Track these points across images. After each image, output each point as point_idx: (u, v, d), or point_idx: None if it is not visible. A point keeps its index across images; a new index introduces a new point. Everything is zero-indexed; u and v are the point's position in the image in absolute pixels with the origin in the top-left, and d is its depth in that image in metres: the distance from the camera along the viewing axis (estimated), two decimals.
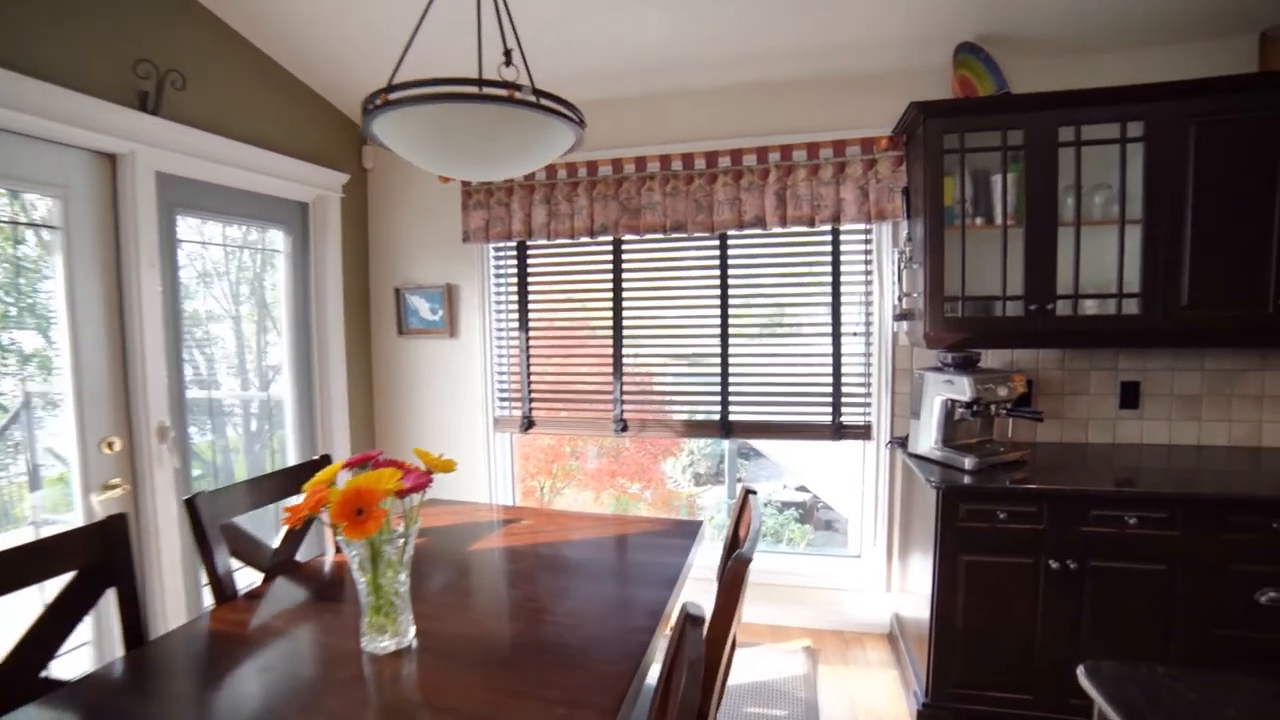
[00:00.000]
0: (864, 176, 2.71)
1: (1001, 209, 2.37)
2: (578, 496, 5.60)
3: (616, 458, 5.74)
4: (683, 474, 6.09)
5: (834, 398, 2.94)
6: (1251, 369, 2.65)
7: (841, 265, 2.90)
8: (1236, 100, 2.21)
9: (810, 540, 5.10)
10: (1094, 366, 2.71)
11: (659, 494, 5.93)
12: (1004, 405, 2.39)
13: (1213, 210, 2.25)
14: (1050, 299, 2.33)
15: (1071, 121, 2.30)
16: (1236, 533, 2.05)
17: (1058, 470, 2.34)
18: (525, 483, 5.02)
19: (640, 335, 3.19)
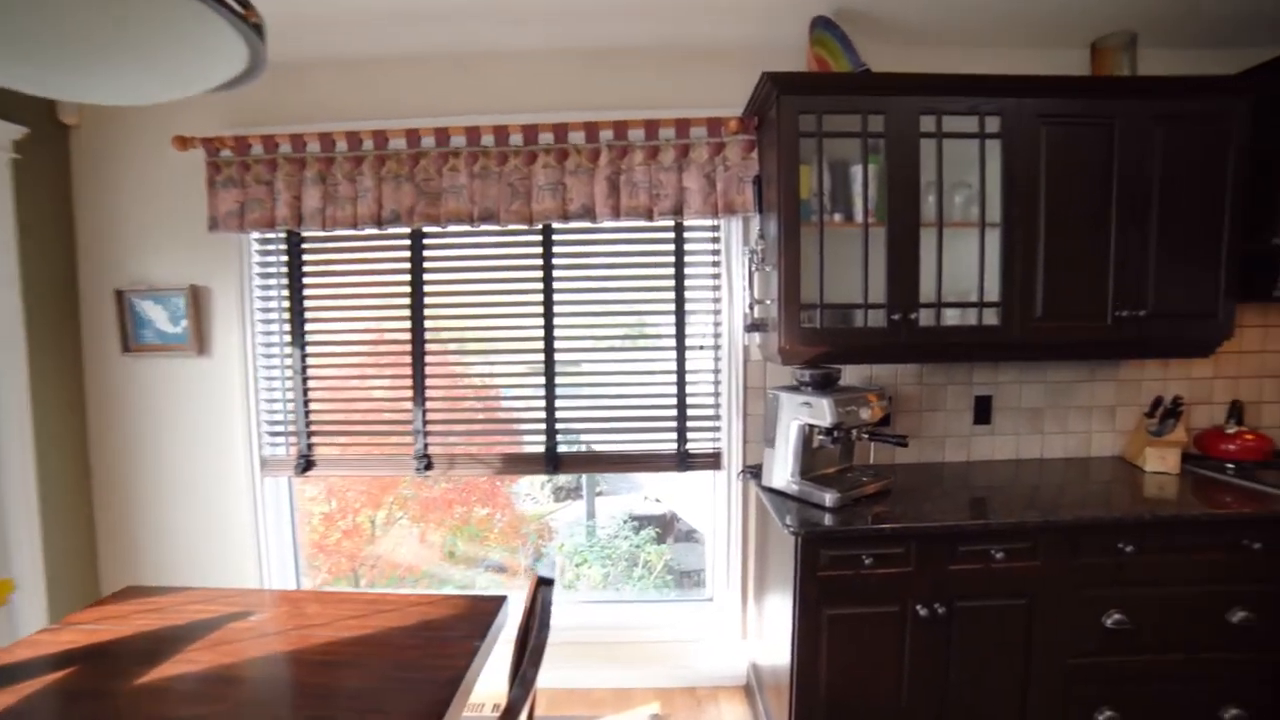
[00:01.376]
0: (710, 163, 2.26)
1: (862, 204, 2.02)
2: (412, 532, 4.79)
3: (460, 480, 5.02)
4: (542, 489, 5.45)
5: (679, 422, 2.47)
6: (1083, 380, 2.54)
7: (686, 267, 2.43)
8: (1077, 105, 2.05)
9: (668, 561, 4.66)
10: (950, 381, 2.48)
11: (511, 518, 5.23)
12: (866, 429, 2.04)
13: (1062, 218, 2.07)
14: (913, 308, 2.01)
15: (932, 110, 2.00)
16: (1088, 557, 1.89)
17: (921, 500, 2.02)
18: (350, 519, 4.12)
19: (447, 352, 2.53)
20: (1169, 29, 2.33)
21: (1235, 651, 1.97)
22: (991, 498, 2.07)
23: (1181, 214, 2.13)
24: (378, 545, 4.10)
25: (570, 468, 2.50)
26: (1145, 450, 2.34)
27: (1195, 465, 2.36)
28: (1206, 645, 1.96)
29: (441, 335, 2.51)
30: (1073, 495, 2.07)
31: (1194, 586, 1.94)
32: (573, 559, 4.05)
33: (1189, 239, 2.14)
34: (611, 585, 3.89)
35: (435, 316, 2.50)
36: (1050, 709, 1.92)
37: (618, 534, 4.36)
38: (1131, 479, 2.26)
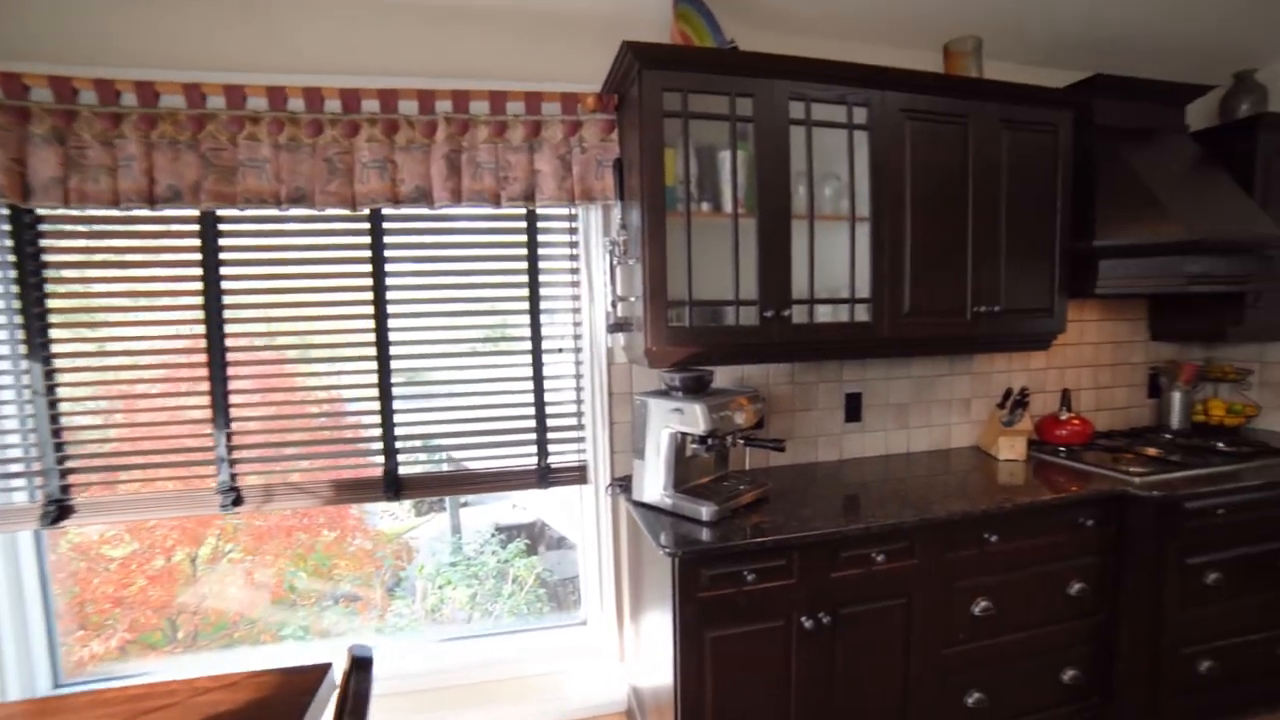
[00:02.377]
0: (566, 143, 1.99)
1: (731, 193, 1.83)
2: (244, 567, 4.05)
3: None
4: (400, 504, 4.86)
5: (538, 434, 2.17)
6: (943, 375, 2.58)
7: (541, 260, 2.14)
8: (936, 102, 2.02)
9: (541, 573, 4.30)
10: (822, 379, 2.39)
11: (364, 540, 4.59)
12: (742, 434, 1.87)
13: (927, 215, 2.03)
14: (786, 304, 1.86)
15: (801, 97, 1.87)
16: (959, 550, 1.87)
17: (800, 505, 1.89)
18: (163, 560, 3.37)
19: (258, 363, 2.06)
20: (1006, 44, 2.40)
21: (1073, 621, 2.04)
22: (868, 497, 1.98)
23: (1025, 215, 2.17)
24: (199, 587, 3.39)
25: (414, 491, 2.12)
26: (999, 440, 2.39)
27: (1037, 450, 2.46)
28: (1052, 619, 2.02)
29: (248, 343, 2.03)
30: (942, 489, 2.03)
31: (1043, 566, 1.98)
32: (435, 581, 3.59)
33: (1031, 239, 2.19)
34: (480, 606, 3.49)
35: (239, 320, 2.01)
36: (928, 701, 1.88)
37: (484, 548, 3.95)
38: (988, 468, 2.29)
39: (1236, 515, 2.09)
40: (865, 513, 1.82)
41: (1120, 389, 2.92)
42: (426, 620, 3.19)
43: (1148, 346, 2.95)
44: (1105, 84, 2.38)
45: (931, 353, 2.16)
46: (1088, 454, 2.37)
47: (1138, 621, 2.04)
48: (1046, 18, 2.28)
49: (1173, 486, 2.01)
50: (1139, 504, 2.00)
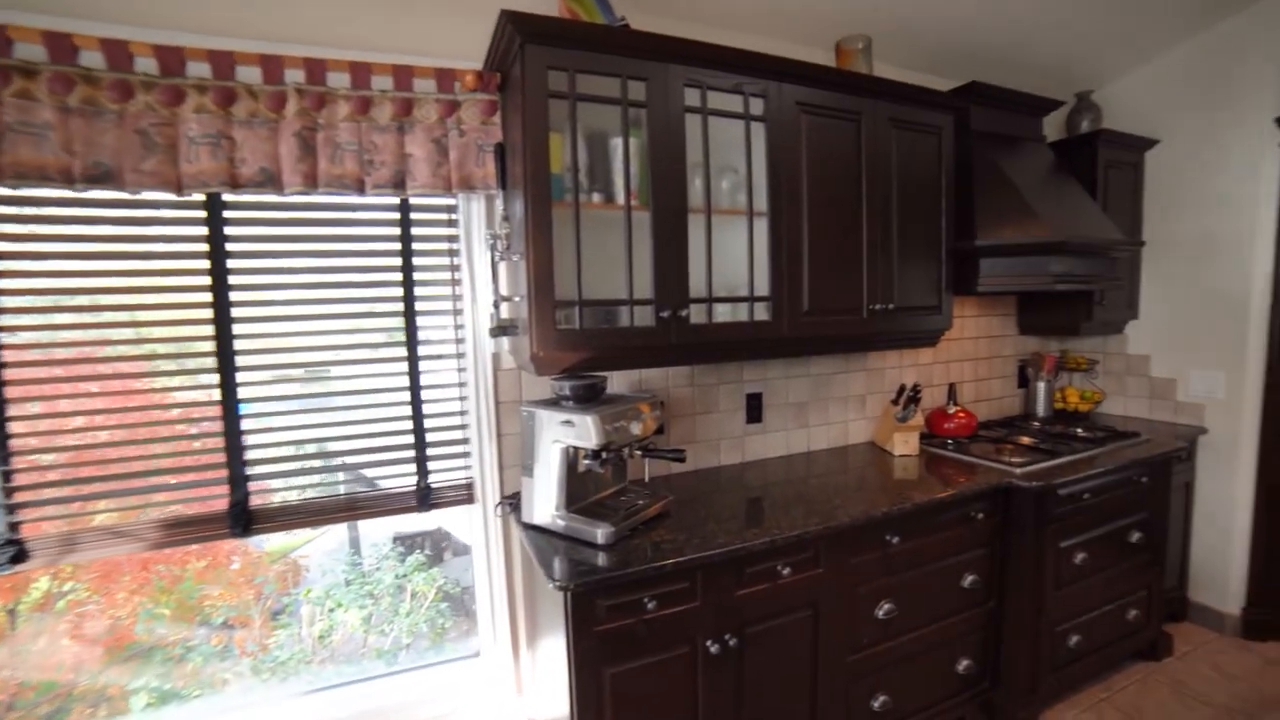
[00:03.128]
0: (442, 125, 1.75)
1: (624, 184, 1.67)
2: (86, 610, 3.38)
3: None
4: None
5: (417, 450, 1.91)
6: (840, 372, 2.56)
7: (416, 256, 1.88)
8: (830, 97, 1.96)
9: (443, 585, 3.93)
10: (722, 380, 2.29)
11: (245, 563, 4.00)
12: (640, 444, 1.71)
13: (824, 212, 1.97)
14: (684, 303, 1.73)
15: (697, 84, 1.74)
16: (863, 554, 1.82)
17: (704, 518, 1.76)
18: None
19: (55, 380, 1.65)
20: (892, 47, 2.42)
21: (966, 612, 2.06)
22: (772, 504, 1.89)
23: (914, 214, 2.18)
24: (17, 644, 2.78)
25: (269, 525, 1.79)
26: (893, 435, 2.39)
27: (927, 444, 2.50)
28: (948, 613, 2.02)
29: (37, 355, 1.61)
30: (844, 491, 1.98)
31: (940, 562, 1.97)
32: (324, 605, 3.17)
33: (920, 238, 2.20)
34: (375, 629, 3.12)
35: (23, 328, 1.60)
36: (836, 712, 1.81)
37: (382, 563, 3.55)
38: (885, 465, 2.28)
39: (1097, 498, 2.21)
40: (770, 522, 1.72)
41: (995, 380, 3.06)
42: (315, 649, 2.80)
43: (1017, 340, 3.12)
44: (981, 92, 2.46)
45: (830, 351, 2.12)
46: (974, 446, 2.43)
47: (1021, 605, 2.10)
48: (928, 25, 2.32)
49: (1049, 475, 2.07)
50: (1021, 494, 2.05)
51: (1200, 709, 2.26)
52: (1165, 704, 2.29)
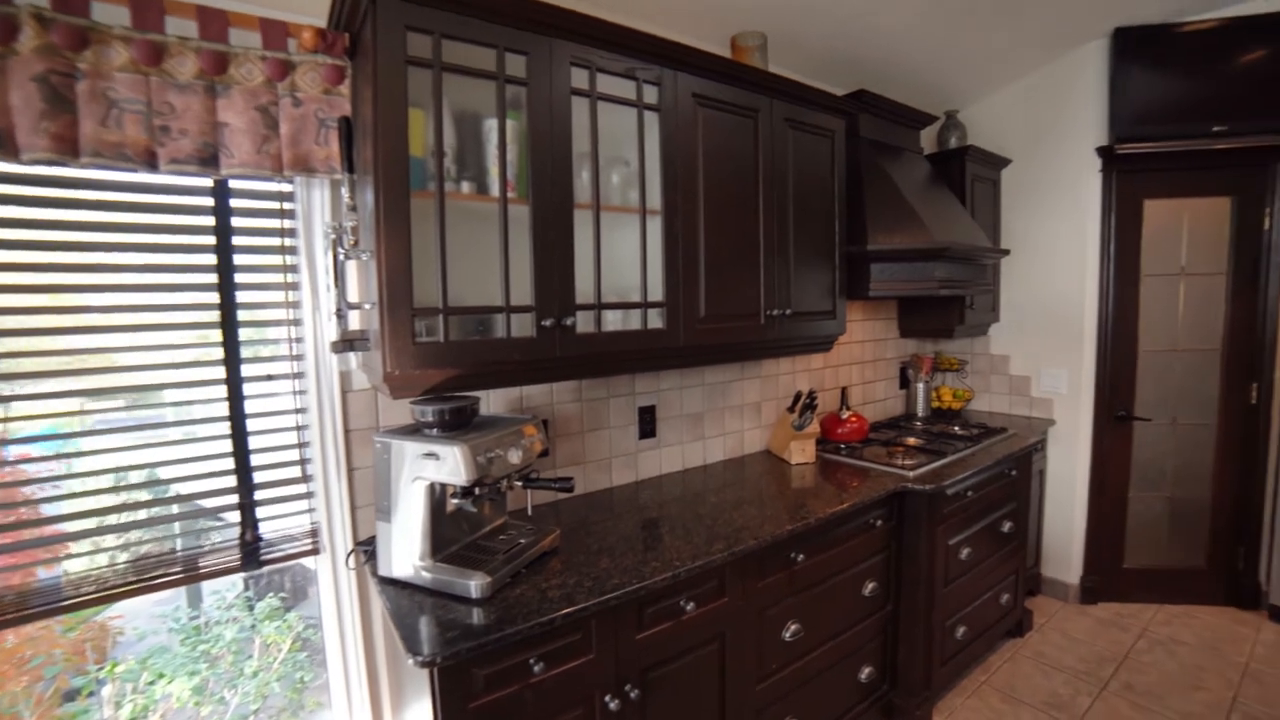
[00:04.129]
0: (270, 90, 1.39)
1: (500, 173, 1.41)
2: None
3: None
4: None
5: (242, 496, 1.51)
6: (735, 380, 2.45)
7: (237, 254, 1.49)
8: (727, 91, 1.81)
9: (302, 633, 3.36)
10: (612, 393, 2.08)
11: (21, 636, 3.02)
12: (520, 474, 1.46)
13: (720, 212, 1.82)
14: (569, 311, 1.50)
15: (585, 64, 1.51)
16: (769, 576, 1.68)
17: (596, 552, 1.54)
18: None
19: None
20: (785, 48, 2.33)
21: (867, 620, 2.00)
22: (672, 530, 1.70)
23: (810, 218, 2.09)
24: None
25: (17, 616, 1.33)
26: (790, 444, 2.31)
27: (823, 450, 2.44)
28: (851, 624, 1.95)
29: None
30: (745, 508, 1.83)
31: (843, 574, 1.89)
32: (140, 679, 2.57)
33: (816, 242, 2.13)
34: (214, 698, 2.58)
35: None
36: None
37: (226, 614, 2.96)
38: (784, 475, 2.18)
39: (978, 493, 2.25)
40: (671, 552, 1.53)
41: (880, 383, 3.11)
42: None
43: (898, 343, 3.20)
44: (869, 100, 2.44)
45: (727, 360, 1.98)
46: (867, 450, 2.41)
47: (915, 606, 2.08)
48: (816, 30, 2.25)
49: (938, 476, 2.07)
50: (915, 497, 2.03)
51: (1056, 675, 2.41)
52: (1031, 676, 2.40)
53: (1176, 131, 2.59)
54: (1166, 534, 2.90)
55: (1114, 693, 2.31)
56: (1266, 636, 2.65)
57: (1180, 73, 2.58)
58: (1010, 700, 2.28)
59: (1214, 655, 2.53)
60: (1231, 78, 2.54)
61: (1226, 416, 2.79)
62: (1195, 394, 2.80)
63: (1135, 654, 2.55)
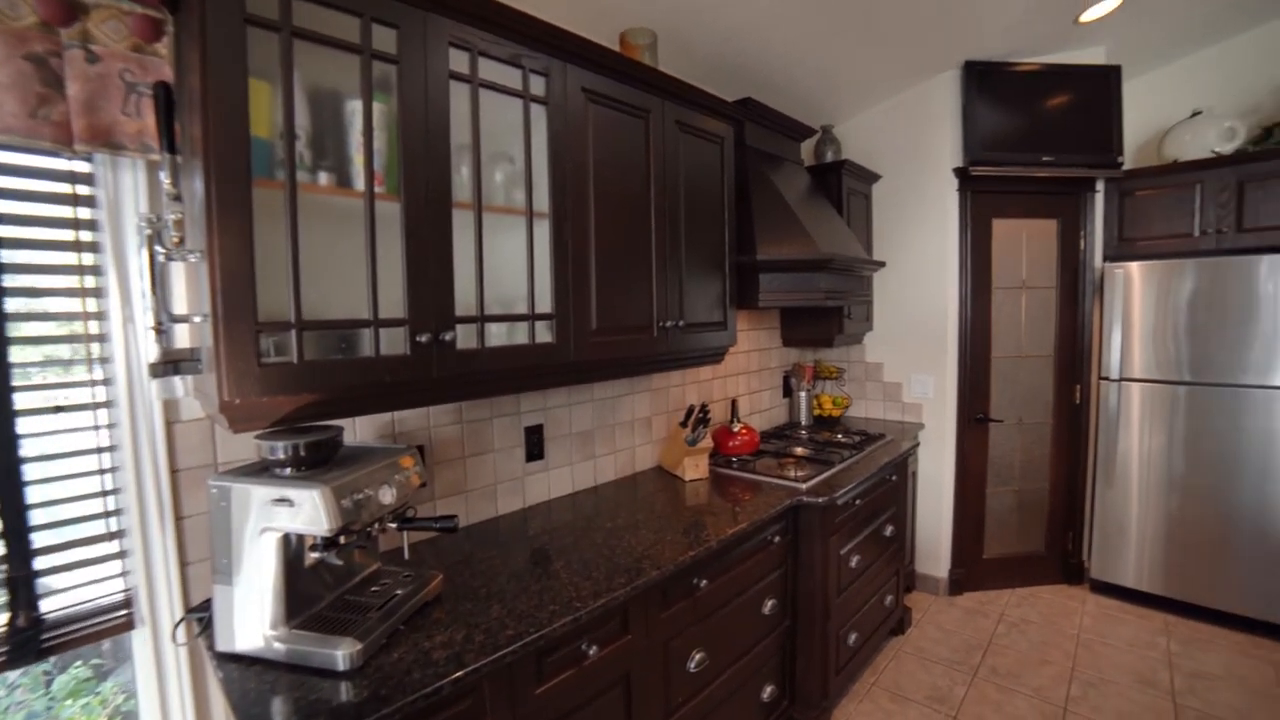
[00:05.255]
0: (48, 37, 1.12)
1: (366, 163, 1.26)
2: None
3: None
4: None
5: (12, 567, 1.19)
6: (625, 395, 2.42)
7: (5, 250, 1.21)
8: (618, 88, 1.79)
9: (121, 706, 2.78)
10: (496, 413, 1.96)
11: None
12: (395, 514, 1.30)
13: (612, 216, 1.79)
14: (448, 324, 1.37)
15: (466, 45, 1.40)
16: (673, 605, 1.66)
17: (487, 596, 1.41)
18: None
19: None
20: (674, 52, 2.36)
21: (768, 638, 2.05)
22: (568, 563, 1.61)
23: (701, 226, 2.12)
24: None
25: None
26: (683, 460, 2.32)
27: (715, 464, 2.48)
28: (753, 644, 1.99)
29: None
30: (643, 533, 1.79)
31: (744, 595, 1.92)
32: None
33: (706, 251, 2.16)
34: None
35: None
36: None
37: (7, 701, 2.38)
38: (679, 493, 2.18)
39: (864, 500, 2.40)
40: (569, 589, 1.45)
41: (765, 392, 3.24)
42: None
43: (781, 352, 3.36)
44: (755, 108, 2.53)
45: (620, 374, 1.94)
46: (759, 463, 2.48)
47: (812, 618, 2.16)
48: (709, 35, 2.30)
49: (830, 487, 2.17)
50: (809, 510, 2.12)
51: (935, 668, 2.64)
52: (914, 673, 2.61)
53: (1016, 159, 2.98)
54: (1016, 524, 3.30)
55: (983, 678, 2.57)
56: (1090, 608, 3.11)
57: (1016, 106, 2.97)
58: (899, 699, 2.45)
59: (1054, 630, 2.91)
60: (1053, 115, 2.98)
61: (1059, 416, 3.24)
62: (1036, 396, 3.23)
63: (996, 638, 2.86)
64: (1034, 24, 2.70)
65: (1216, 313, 2.82)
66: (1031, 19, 2.65)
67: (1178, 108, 3.28)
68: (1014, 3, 2.50)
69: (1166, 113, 3.30)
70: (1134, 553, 3.08)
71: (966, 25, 2.61)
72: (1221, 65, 3.26)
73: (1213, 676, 2.54)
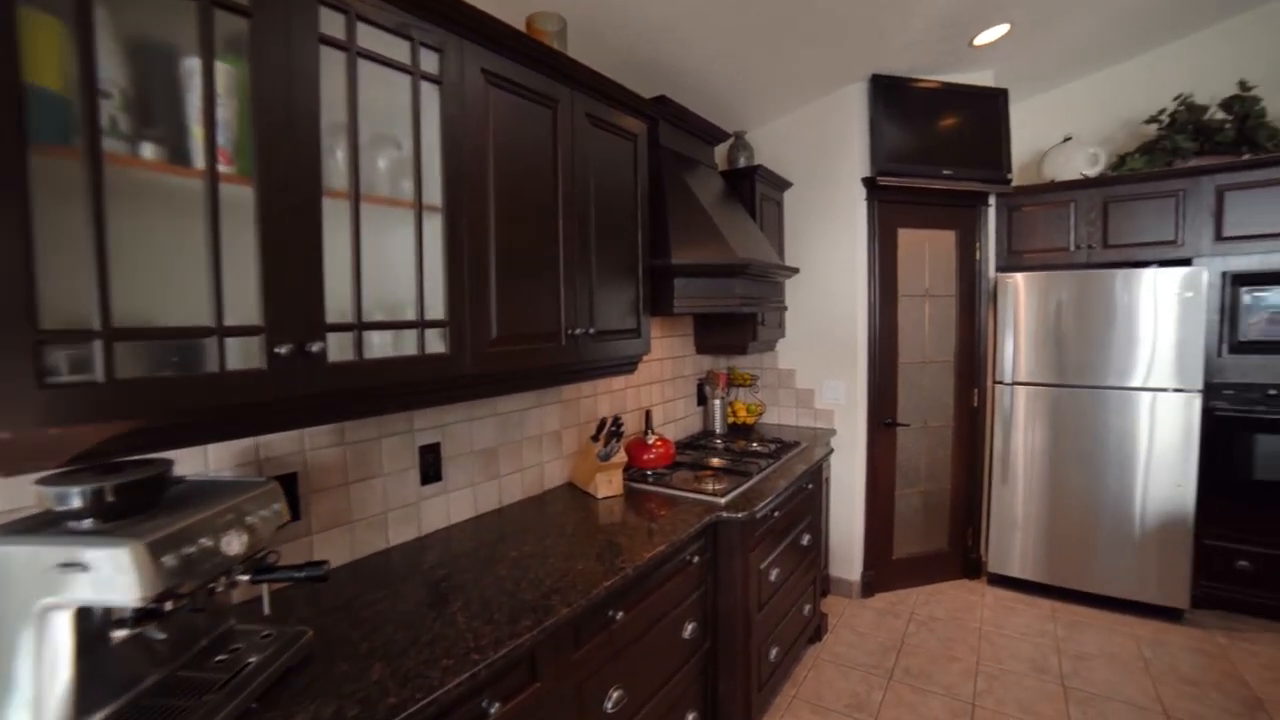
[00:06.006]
0: None
1: (207, 136, 1.02)
2: None
3: None
4: None
5: None
6: (532, 407, 2.24)
7: None
8: (524, 73, 1.63)
9: None
10: (385, 432, 1.73)
11: None
12: (245, 567, 1.07)
13: (514, 213, 1.62)
14: (317, 332, 1.15)
15: (342, 6, 1.20)
16: (587, 643, 1.51)
17: (368, 655, 1.19)
18: None
19: None
20: (585, 43, 2.22)
21: (689, 663, 1.94)
22: (467, 603, 1.41)
23: (612, 227, 1.99)
24: None
25: None
26: (596, 476, 2.16)
27: (629, 478, 2.35)
28: (673, 671, 1.86)
29: None
30: (554, 563, 1.62)
31: (662, 621, 1.79)
32: None
33: (619, 254, 2.03)
34: None
35: None
36: None
37: None
38: (591, 513, 2.03)
39: (782, 511, 2.35)
40: (467, 635, 1.26)
41: (680, 400, 3.16)
42: None
43: (695, 360, 3.29)
44: (670, 108, 2.44)
45: (523, 387, 1.77)
46: (675, 476, 2.38)
47: (733, 637, 2.07)
48: (623, 28, 2.18)
49: (749, 500, 2.10)
50: (728, 526, 2.03)
51: (853, 673, 2.64)
52: (833, 681, 2.59)
53: (919, 171, 3.07)
54: (922, 524, 3.40)
55: (898, 680, 2.59)
56: (989, 600, 3.25)
57: (919, 121, 3.07)
58: (820, 710, 2.41)
59: (959, 626, 3.00)
60: (951, 132, 3.10)
61: (959, 418, 3.37)
62: (939, 400, 3.34)
63: (908, 638, 2.91)
64: (934, 43, 2.79)
65: (1084, 321, 3.05)
66: (932, 38, 2.73)
67: (1054, 132, 3.53)
68: (916, 21, 2.56)
69: (1045, 136, 3.55)
70: (1021, 545, 3.26)
71: (872, 39, 2.65)
72: (1085, 98, 3.56)
73: (1091, 656, 2.72)
